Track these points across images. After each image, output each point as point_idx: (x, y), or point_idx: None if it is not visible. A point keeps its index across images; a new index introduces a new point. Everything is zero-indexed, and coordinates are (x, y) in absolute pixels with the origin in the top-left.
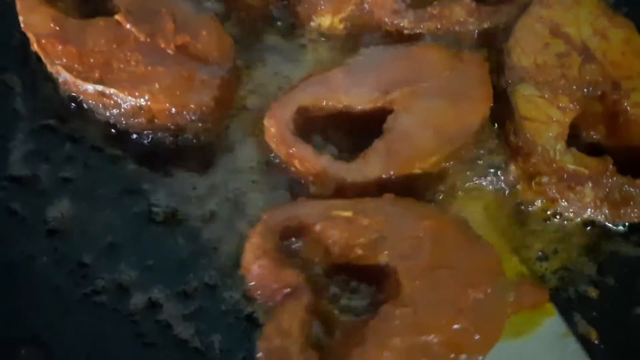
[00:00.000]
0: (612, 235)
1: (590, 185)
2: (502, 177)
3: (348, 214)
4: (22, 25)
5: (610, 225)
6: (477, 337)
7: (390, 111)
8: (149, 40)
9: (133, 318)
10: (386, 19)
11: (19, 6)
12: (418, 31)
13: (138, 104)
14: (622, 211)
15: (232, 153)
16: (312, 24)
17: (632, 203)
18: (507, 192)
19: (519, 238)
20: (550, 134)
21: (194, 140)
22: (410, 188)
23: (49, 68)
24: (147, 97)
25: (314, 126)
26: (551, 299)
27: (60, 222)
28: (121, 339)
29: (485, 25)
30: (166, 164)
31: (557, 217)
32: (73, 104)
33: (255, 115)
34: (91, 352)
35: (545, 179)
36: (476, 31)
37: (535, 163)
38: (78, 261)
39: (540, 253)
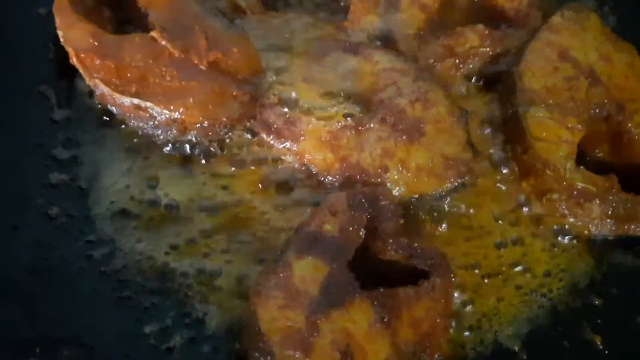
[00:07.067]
0: (616, 248)
1: (597, 201)
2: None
3: None
4: (61, 39)
5: (613, 238)
6: None
7: None
8: (182, 56)
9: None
10: None
11: (58, 22)
12: (431, 61)
13: (172, 117)
14: (625, 226)
15: None
16: None
17: (634, 218)
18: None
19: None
20: (561, 154)
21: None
22: None
23: (87, 81)
24: (181, 111)
25: None
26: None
27: (97, 228)
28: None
29: (497, 50)
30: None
31: (566, 230)
32: (108, 115)
33: None
34: (129, 352)
35: (555, 196)
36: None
37: (546, 181)
38: (113, 267)
39: (548, 264)
